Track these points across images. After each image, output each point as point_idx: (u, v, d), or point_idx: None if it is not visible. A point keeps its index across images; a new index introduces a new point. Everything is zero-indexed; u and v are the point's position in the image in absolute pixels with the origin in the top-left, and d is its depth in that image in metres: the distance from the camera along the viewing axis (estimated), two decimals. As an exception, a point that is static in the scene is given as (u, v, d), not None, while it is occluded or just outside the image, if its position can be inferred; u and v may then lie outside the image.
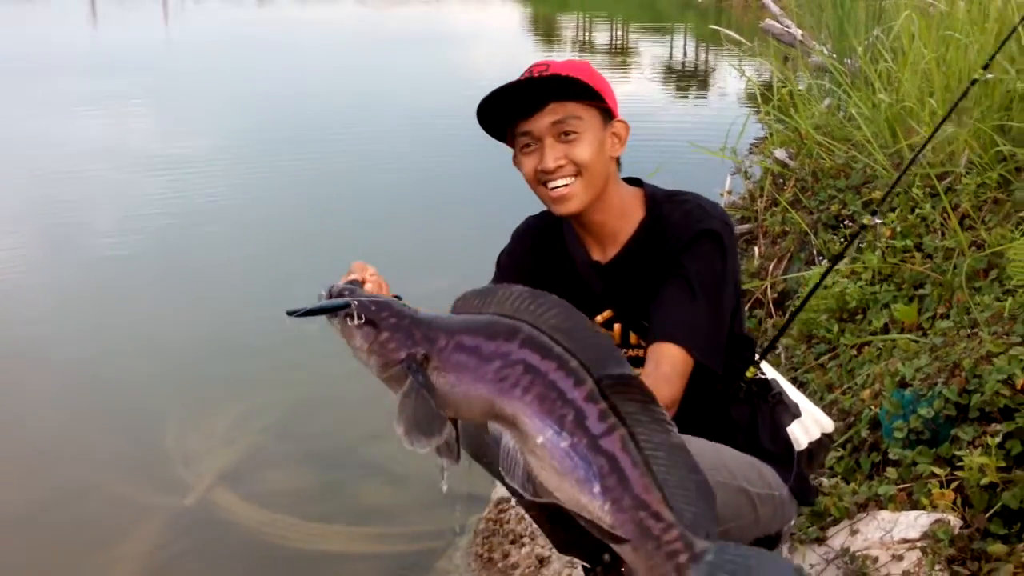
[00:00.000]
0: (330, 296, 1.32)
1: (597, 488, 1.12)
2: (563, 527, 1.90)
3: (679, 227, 1.67)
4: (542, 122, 1.64)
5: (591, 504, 1.12)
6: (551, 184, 1.66)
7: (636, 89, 10.41)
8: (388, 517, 2.86)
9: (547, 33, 17.42)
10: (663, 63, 13.59)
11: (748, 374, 1.80)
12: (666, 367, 1.56)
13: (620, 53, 14.87)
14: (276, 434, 3.41)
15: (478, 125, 1.72)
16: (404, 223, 5.63)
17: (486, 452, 1.77)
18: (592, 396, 1.14)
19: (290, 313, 1.29)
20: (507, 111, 1.67)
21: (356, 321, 1.25)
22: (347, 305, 1.27)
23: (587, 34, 17.29)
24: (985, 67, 2.61)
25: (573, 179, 1.66)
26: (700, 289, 1.62)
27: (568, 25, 18.72)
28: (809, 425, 1.87)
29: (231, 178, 6.77)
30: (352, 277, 1.54)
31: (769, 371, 1.88)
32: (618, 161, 1.75)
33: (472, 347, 1.19)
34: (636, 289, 1.71)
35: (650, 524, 1.12)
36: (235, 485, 3.07)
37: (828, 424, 1.93)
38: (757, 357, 1.88)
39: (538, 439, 1.14)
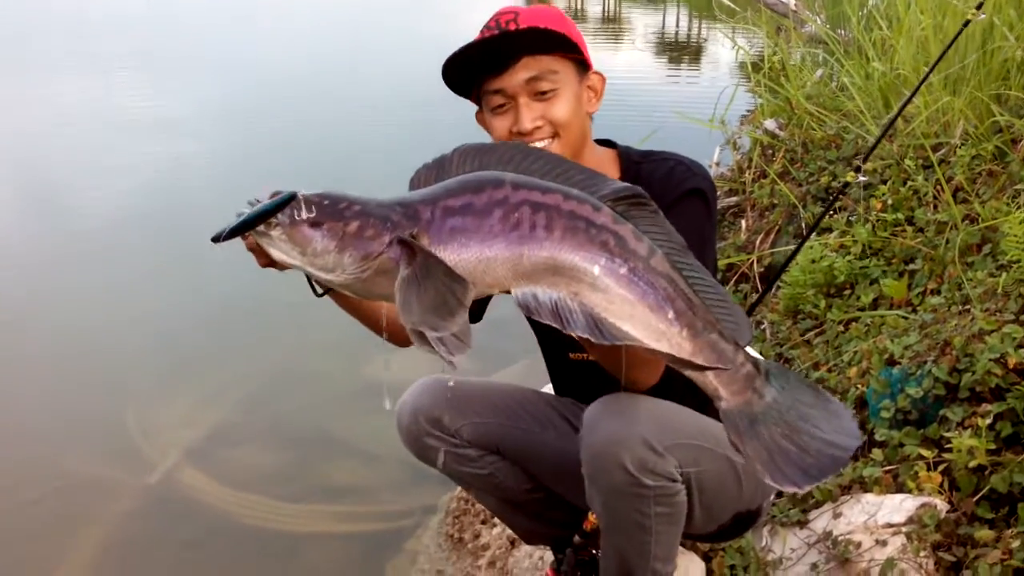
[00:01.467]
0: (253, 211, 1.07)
1: (671, 312, 1.10)
2: (528, 516, 1.83)
3: (664, 185, 1.56)
4: (516, 79, 1.51)
5: (670, 330, 1.10)
6: None
7: (628, 60, 10.25)
8: (358, 496, 2.78)
9: (540, 2, 17.17)
10: (655, 33, 13.41)
11: None
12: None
13: (612, 22, 14.65)
14: (245, 410, 3.31)
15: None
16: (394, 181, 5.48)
17: (430, 453, 1.71)
18: (616, 219, 1.10)
19: (216, 238, 1.07)
20: (475, 67, 1.53)
21: (308, 215, 1.06)
22: (293, 197, 1.07)
23: (580, 2, 17.05)
24: (979, 7, 2.49)
25: (551, 140, 1.53)
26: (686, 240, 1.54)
27: (557, -6, 18.45)
28: None
29: (211, 145, 6.64)
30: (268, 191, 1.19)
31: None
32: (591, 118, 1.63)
33: (463, 206, 1.08)
34: None
35: (723, 346, 1.13)
36: (202, 463, 2.98)
37: None
38: None
39: (594, 270, 1.08)
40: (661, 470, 1.44)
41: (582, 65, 1.57)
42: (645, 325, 1.09)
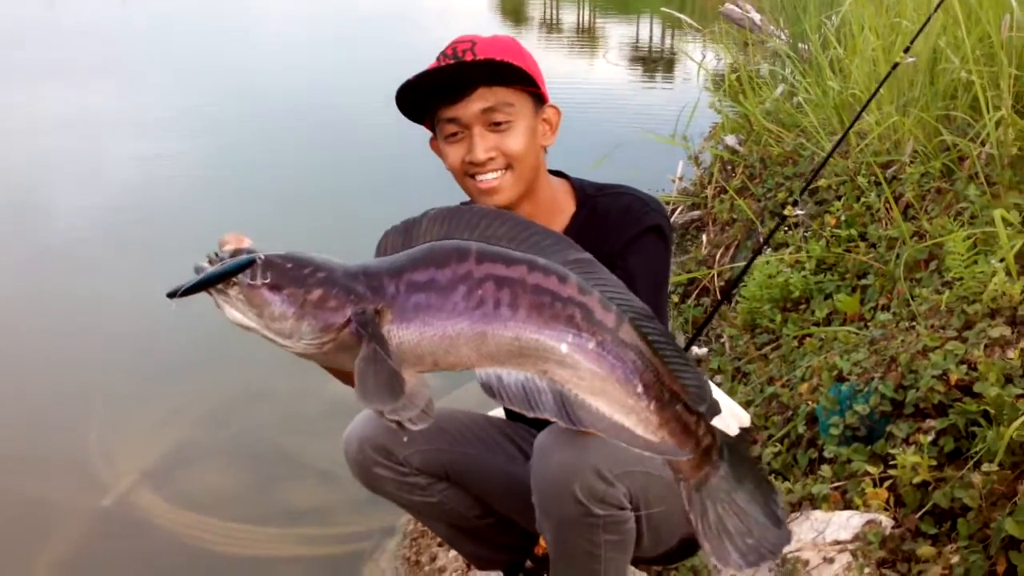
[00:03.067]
0: (212, 264, 1.05)
1: (640, 386, 1.07)
2: (479, 542, 1.84)
3: (621, 222, 1.57)
4: (470, 109, 1.50)
5: (638, 404, 1.08)
6: (479, 177, 1.53)
7: (599, 72, 10.31)
8: (316, 517, 2.76)
9: (514, 12, 17.24)
10: (628, 45, 13.51)
11: None
12: None
13: (586, 33, 14.75)
14: (204, 429, 3.28)
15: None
16: (374, 199, 5.43)
17: (379, 483, 1.71)
18: (583, 289, 1.07)
19: (172, 295, 1.04)
20: (429, 95, 1.52)
21: (268, 278, 1.04)
22: (252, 262, 1.04)
23: (555, 14, 17.15)
24: (906, 50, 2.55)
25: (503, 172, 1.53)
26: (643, 287, 1.49)
27: (536, 4, 18.55)
28: (728, 420, 1.81)
29: (187, 157, 6.56)
30: (229, 248, 1.14)
31: None
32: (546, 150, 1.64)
33: (427, 282, 1.05)
34: None
35: (686, 419, 1.11)
36: (158, 485, 2.94)
37: (745, 419, 1.88)
38: (684, 346, 1.83)
39: (561, 347, 1.05)
40: (611, 499, 1.45)
41: (538, 98, 1.57)
42: (614, 400, 1.07)
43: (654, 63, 12.17)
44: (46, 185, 6.06)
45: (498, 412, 1.94)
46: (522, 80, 1.52)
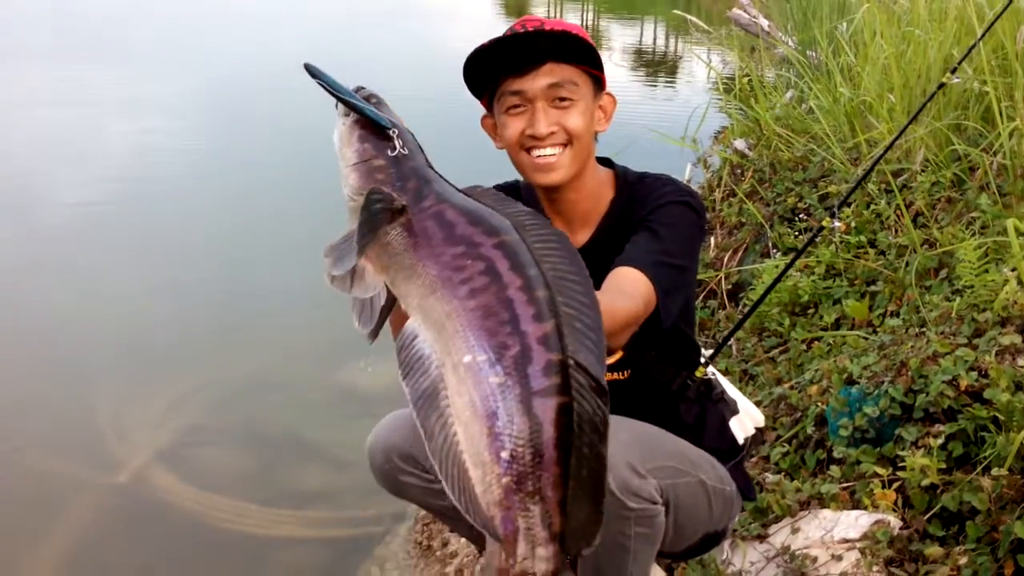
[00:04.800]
0: (358, 97, 1.19)
1: (506, 452, 0.96)
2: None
3: (650, 197, 1.58)
4: (538, 83, 1.50)
5: (491, 467, 0.97)
6: (537, 151, 1.54)
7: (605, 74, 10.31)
8: (327, 501, 2.80)
9: (518, 13, 17.26)
10: (632, 49, 13.54)
11: (698, 374, 1.77)
12: (627, 287, 1.41)
13: (590, 35, 14.75)
14: (217, 412, 3.32)
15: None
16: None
17: (406, 490, 1.71)
18: (547, 340, 0.97)
19: (308, 68, 1.15)
20: (497, 66, 1.52)
21: (372, 131, 1.16)
22: (389, 126, 1.16)
23: (558, 15, 17.17)
24: (953, 71, 2.60)
25: (562, 149, 1.54)
26: (669, 238, 1.52)
27: (539, 6, 18.57)
28: (745, 421, 1.86)
29: (188, 141, 6.57)
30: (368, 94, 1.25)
31: (709, 370, 1.86)
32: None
33: (449, 222, 1.08)
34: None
35: (534, 527, 0.98)
36: (172, 464, 2.98)
37: (760, 418, 1.92)
38: (709, 355, 1.86)
39: (465, 357, 0.99)
40: (644, 492, 1.48)
41: (598, 83, 1.59)
42: (473, 441, 0.98)
43: (658, 66, 12.21)
44: (50, 162, 6.07)
45: None
46: (588, 60, 1.54)
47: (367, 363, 3.37)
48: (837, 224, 2.28)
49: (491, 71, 1.54)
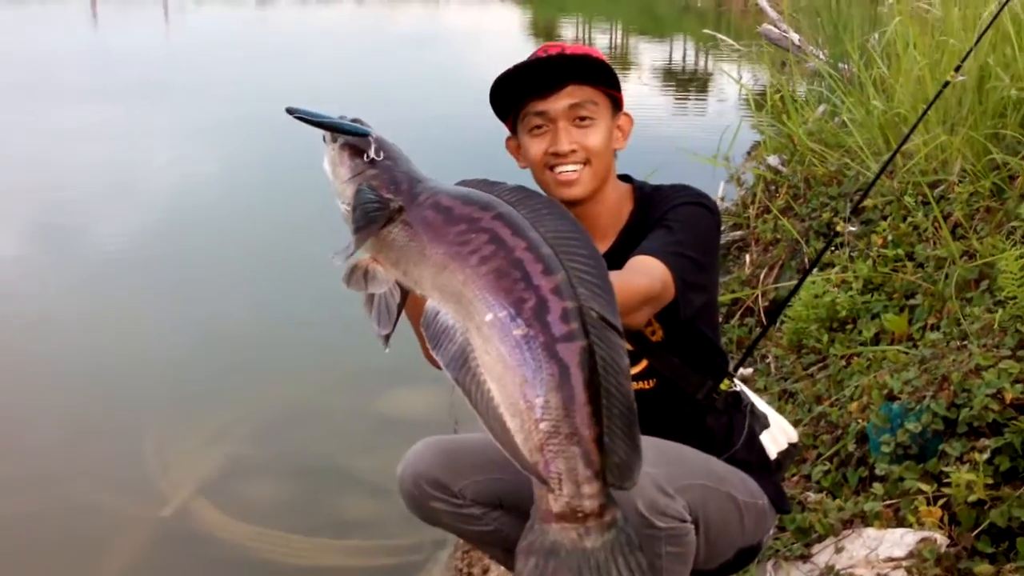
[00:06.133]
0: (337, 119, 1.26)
1: (540, 399, 1.01)
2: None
3: (664, 202, 1.65)
4: (559, 104, 1.60)
5: (527, 414, 1.02)
6: (559, 168, 1.62)
7: (634, 93, 10.36)
8: (368, 530, 2.81)
9: (547, 36, 17.41)
10: (662, 67, 13.57)
11: (723, 386, 1.76)
12: (642, 267, 1.48)
13: (619, 57, 14.84)
14: (258, 444, 3.36)
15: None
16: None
17: (436, 516, 1.73)
18: (560, 291, 1.04)
19: (291, 111, 1.23)
20: (521, 89, 1.62)
21: (357, 146, 1.22)
22: (367, 134, 1.23)
23: (587, 37, 17.27)
24: (957, 69, 2.55)
25: (582, 167, 1.62)
26: (682, 232, 1.59)
27: (568, 27, 18.72)
28: (777, 435, 1.84)
29: (228, 169, 6.72)
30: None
31: (737, 383, 1.85)
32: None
33: (445, 207, 1.15)
34: None
35: (577, 467, 1.03)
36: (214, 496, 3.02)
37: (793, 434, 1.90)
38: (733, 367, 1.85)
39: (487, 316, 1.04)
40: (672, 511, 1.48)
41: (615, 104, 1.67)
42: (506, 393, 1.03)
43: (688, 84, 12.20)
44: (89, 197, 6.23)
45: None
46: (605, 81, 1.63)
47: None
48: (851, 229, 2.25)
49: (515, 94, 1.63)
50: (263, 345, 4.01)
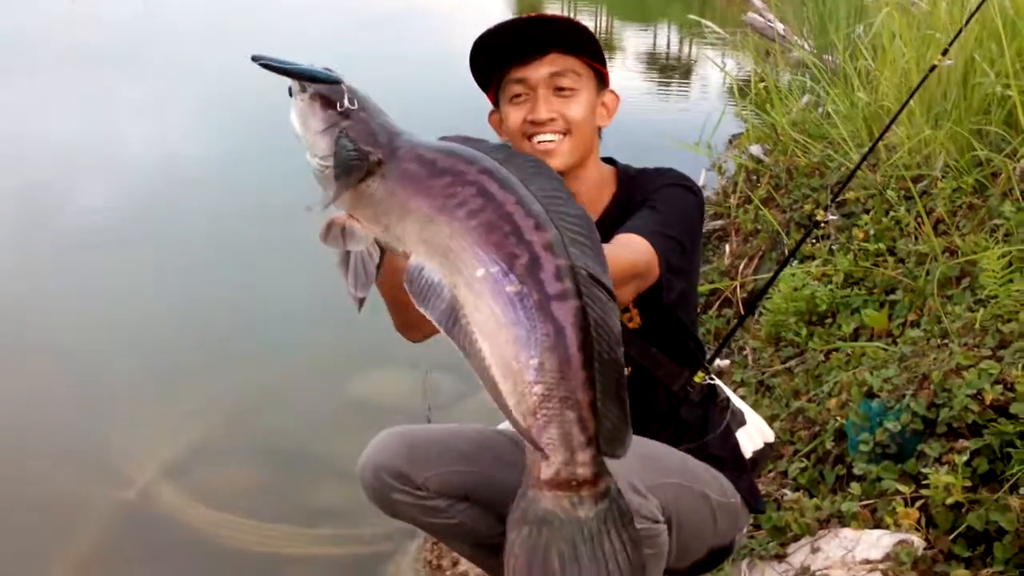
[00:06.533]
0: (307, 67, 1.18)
1: (535, 359, 0.97)
2: (500, 556, 1.82)
3: (648, 184, 1.62)
4: (540, 71, 1.57)
5: (522, 375, 0.98)
6: (537, 137, 1.58)
7: (617, 79, 10.26)
8: (337, 518, 2.76)
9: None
10: (646, 53, 13.49)
11: (697, 379, 1.72)
12: (628, 243, 1.44)
13: (604, 42, 14.75)
14: (227, 427, 3.28)
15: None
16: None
17: (398, 508, 1.69)
18: (552, 247, 1.00)
19: (256, 58, 1.15)
20: (501, 55, 1.58)
21: (330, 97, 1.15)
22: (339, 82, 1.16)
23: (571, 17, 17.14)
24: (944, 52, 2.52)
25: (561, 136, 1.58)
26: (667, 212, 1.55)
27: (553, 8, 18.58)
28: (753, 433, 1.81)
29: (205, 147, 6.57)
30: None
31: (713, 378, 1.81)
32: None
33: (428, 160, 1.09)
34: None
35: (571, 432, 0.99)
36: (180, 480, 2.95)
37: (770, 434, 1.88)
38: (708, 359, 1.82)
39: (478, 271, 1.00)
40: (645, 512, 1.44)
41: (600, 79, 1.63)
42: (499, 352, 0.99)
43: (672, 70, 12.15)
44: (63, 175, 6.07)
45: (507, 427, 1.92)
46: (590, 53, 1.59)
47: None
48: (832, 216, 2.22)
49: (496, 60, 1.59)
50: (236, 327, 3.92)
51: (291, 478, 2.98)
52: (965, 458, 1.97)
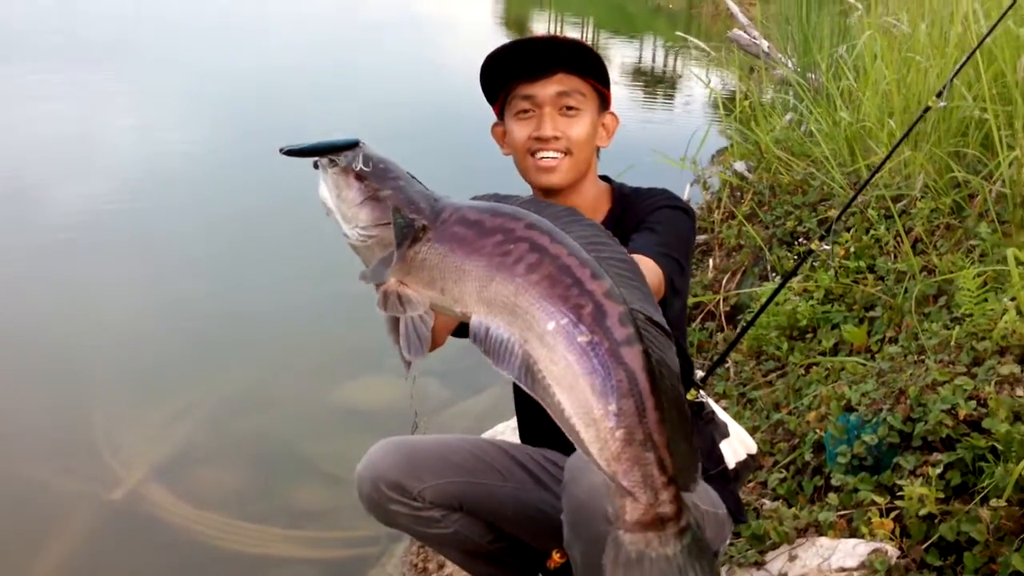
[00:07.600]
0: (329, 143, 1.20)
1: (613, 406, 1.01)
2: (492, 564, 1.86)
3: (644, 205, 1.66)
4: (547, 90, 1.62)
5: (603, 423, 1.01)
6: (540, 154, 1.64)
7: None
8: (323, 520, 2.79)
9: (518, 26, 17.34)
10: (631, 67, 13.59)
11: (689, 396, 1.77)
12: (647, 268, 1.45)
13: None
14: (214, 429, 3.31)
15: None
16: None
17: (394, 518, 1.72)
18: (612, 294, 1.03)
19: (284, 150, 1.18)
20: (511, 71, 1.63)
21: (359, 167, 1.16)
22: (357, 144, 1.17)
23: (559, 31, 17.22)
24: (939, 95, 2.60)
25: (563, 155, 1.64)
26: (667, 234, 1.60)
27: (539, 21, 18.66)
28: (736, 445, 1.86)
29: (193, 146, 6.56)
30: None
31: (700, 392, 1.86)
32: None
33: (474, 220, 1.11)
34: None
35: (653, 473, 1.03)
36: (167, 480, 2.97)
37: (752, 446, 1.92)
38: (702, 377, 1.87)
39: (548, 324, 1.02)
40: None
41: (603, 101, 1.69)
42: (578, 402, 1.02)
43: (658, 84, 12.25)
44: (48, 171, 6.04)
45: (494, 434, 1.97)
46: (596, 75, 1.64)
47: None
48: (825, 247, 2.29)
49: (506, 75, 1.64)
50: (224, 328, 3.94)
51: (278, 480, 3.01)
52: (939, 471, 2.03)
